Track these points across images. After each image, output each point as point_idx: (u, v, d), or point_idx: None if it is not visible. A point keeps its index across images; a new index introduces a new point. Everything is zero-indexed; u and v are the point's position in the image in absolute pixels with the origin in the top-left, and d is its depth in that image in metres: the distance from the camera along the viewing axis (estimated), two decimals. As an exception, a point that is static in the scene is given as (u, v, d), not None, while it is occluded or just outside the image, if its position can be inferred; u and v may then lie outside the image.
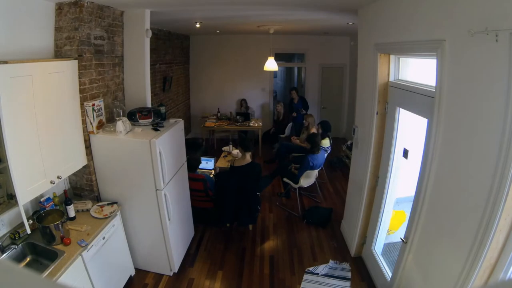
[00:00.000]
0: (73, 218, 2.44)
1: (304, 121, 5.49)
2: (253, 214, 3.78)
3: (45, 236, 2.13)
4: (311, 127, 5.22)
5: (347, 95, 7.34)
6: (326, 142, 4.73)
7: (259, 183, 3.68)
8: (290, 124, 6.50)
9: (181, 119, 3.19)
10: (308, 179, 4.23)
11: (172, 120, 3.10)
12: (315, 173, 4.28)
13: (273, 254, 3.41)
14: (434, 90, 1.83)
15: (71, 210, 2.42)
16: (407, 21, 2.17)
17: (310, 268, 3.10)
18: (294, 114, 6.46)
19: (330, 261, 3.20)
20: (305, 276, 3.01)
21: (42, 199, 2.31)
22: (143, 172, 2.62)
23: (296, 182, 4.16)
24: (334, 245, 3.52)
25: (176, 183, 3.00)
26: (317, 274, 3.02)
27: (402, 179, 2.72)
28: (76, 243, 2.17)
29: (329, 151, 4.80)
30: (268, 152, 6.51)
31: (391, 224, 2.96)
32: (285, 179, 4.32)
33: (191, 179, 3.51)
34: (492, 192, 1.35)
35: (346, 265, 3.13)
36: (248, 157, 3.57)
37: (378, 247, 2.96)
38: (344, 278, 2.96)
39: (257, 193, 3.77)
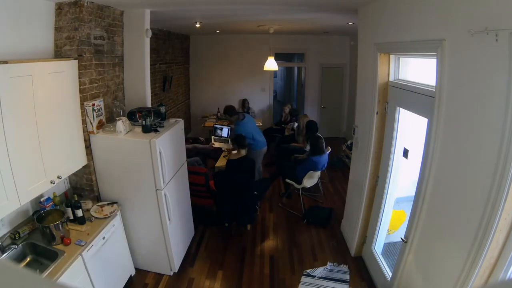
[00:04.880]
0: (83, 219, 2.42)
1: (299, 122, 5.45)
2: (251, 214, 3.78)
3: (45, 236, 2.13)
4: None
5: (347, 95, 7.34)
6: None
7: (254, 180, 3.70)
8: (292, 124, 6.48)
9: (181, 119, 3.19)
10: (311, 180, 4.23)
11: (172, 120, 3.10)
12: (317, 173, 4.28)
13: (273, 254, 3.41)
14: (434, 90, 1.83)
15: (80, 212, 2.41)
16: (407, 20, 2.17)
17: (308, 270, 3.09)
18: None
19: (328, 263, 3.20)
20: (303, 279, 3.00)
21: (42, 199, 2.30)
22: (143, 172, 2.62)
23: (299, 183, 4.16)
24: (334, 244, 3.52)
25: (176, 183, 3.00)
26: (314, 276, 3.01)
27: (402, 179, 2.72)
28: (76, 243, 2.17)
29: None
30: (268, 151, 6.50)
31: (391, 224, 2.96)
32: (287, 180, 4.32)
33: (192, 173, 3.52)
34: (492, 192, 1.35)
35: (344, 267, 3.12)
36: (242, 153, 3.65)
37: (378, 247, 2.96)
38: (342, 281, 2.95)
39: (254, 192, 3.77)
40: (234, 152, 3.69)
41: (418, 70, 2.40)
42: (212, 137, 5.24)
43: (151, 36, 3.12)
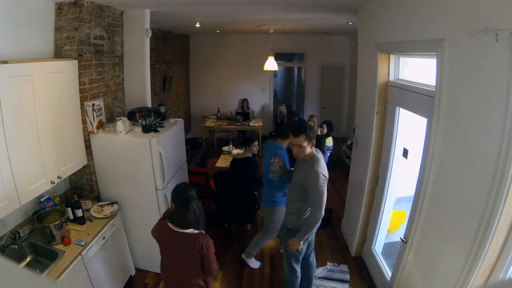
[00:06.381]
0: (83, 219, 2.42)
1: (309, 121, 5.38)
2: (251, 214, 3.78)
3: (45, 236, 2.13)
4: (316, 128, 5.19)
5: (347, 95, 7.34)
6: (330, 142, 4.69)
7: (255, 181, 3.70)
8: None
9: (181, 119, 3.19)
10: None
11: (172, 120, 3.10)
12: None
13: (273, 254, 3.40)
14: (434, 89, 1.83)
15: (80, 212, 2.42)
16: (407, 20, 2.17)
17: None
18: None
19: (328, 263, 3.19)
20: (303, 278, 3.00)
21: (42, 199, 2.31)
22: (143, 172, 2.62)
23: None
24: (334, 244, 3.52)
25: (176, 183, 2.99)
26: (315, 277, 3.00)
27: (402, 179, 2.72)
28: (76, 243, 2.17)
29: (331, 151, 4.78)
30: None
31: (391, 223, 2.96)
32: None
33: (192, 173, 3.52)
34: (492, 192, 1.35)
35: (344, 267, 3.12)
36: (248, 153, 3.66)
37: (378, 247, 2.96)
38: (342, 281, 2.95)
39: (254, 192, 3.76)
40: (240, 151, 3.69)
41: (418, 70, 2.40)
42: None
43: (151, 36, 3.13)
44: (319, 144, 4.20)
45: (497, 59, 1.32)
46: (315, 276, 3.00)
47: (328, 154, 4.64)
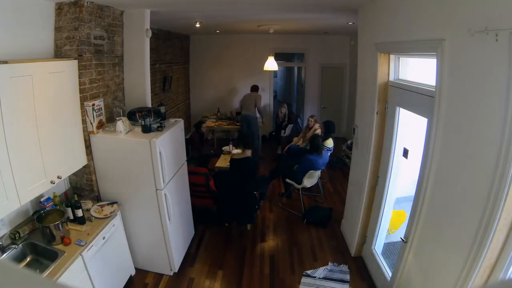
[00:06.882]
0: (83, 219, 2.42)
1: (309, 121, 5.36)
2: (251, 214, 3.78)
3: (45, 236, 2.13)
4: (316, 127, 5.19)
5: (347, 95, 7.34)
6: (329, 142, 4.67)
7: (255, 180, 3.70)
8: (291, 125, 6.47)
9: (181, 119, 3.19)
10: (311, 179, 4.22)
11: (172, 120, 3.10)
12: (317, 173, 4.27)
13: (273, 254, 3.40)
14: (434, 89, 1.83)
15: (80, 212, 2.41)
16: (407, 20, 2.17)
17: (308, 272, 3.09)
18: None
19: (329, 263, 3.20)
20: (303, 279, 3.00)
21: (42, 199, 2.30)
22: (143, 172, 2.62)
23: (299, 183, 4.16)
24: (334, 244, 3.52)
25: (176, 183, 3.00)
26: (315, 277, 3.01)
27: (402, 179, 2.72)
28: (76, 243, 2.17)
29: (331, 152, 4.78)
30: (269, 151, 6.52)
31: (391, 223, 2.96)
32: (287, 180, 4.31)
33: (193, 173, 3.53)
34: (492, 192, 1.35)
35: (344, 268, 3.12)
36: (247, 153, 3.67)
37: (378, 247, 2.96)
38: (342, 281, 2.95)
39: (254, 192, 3.77)
40: (238, 151, 3.70)
41: (418, 70, 2.40)
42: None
43: (151, 36, 3.12)
44: (313, 142, 4.20)
45: (497, 59, 1.32)
46: (315, 277, 3.01)
47: (329, 154, 4.64)
